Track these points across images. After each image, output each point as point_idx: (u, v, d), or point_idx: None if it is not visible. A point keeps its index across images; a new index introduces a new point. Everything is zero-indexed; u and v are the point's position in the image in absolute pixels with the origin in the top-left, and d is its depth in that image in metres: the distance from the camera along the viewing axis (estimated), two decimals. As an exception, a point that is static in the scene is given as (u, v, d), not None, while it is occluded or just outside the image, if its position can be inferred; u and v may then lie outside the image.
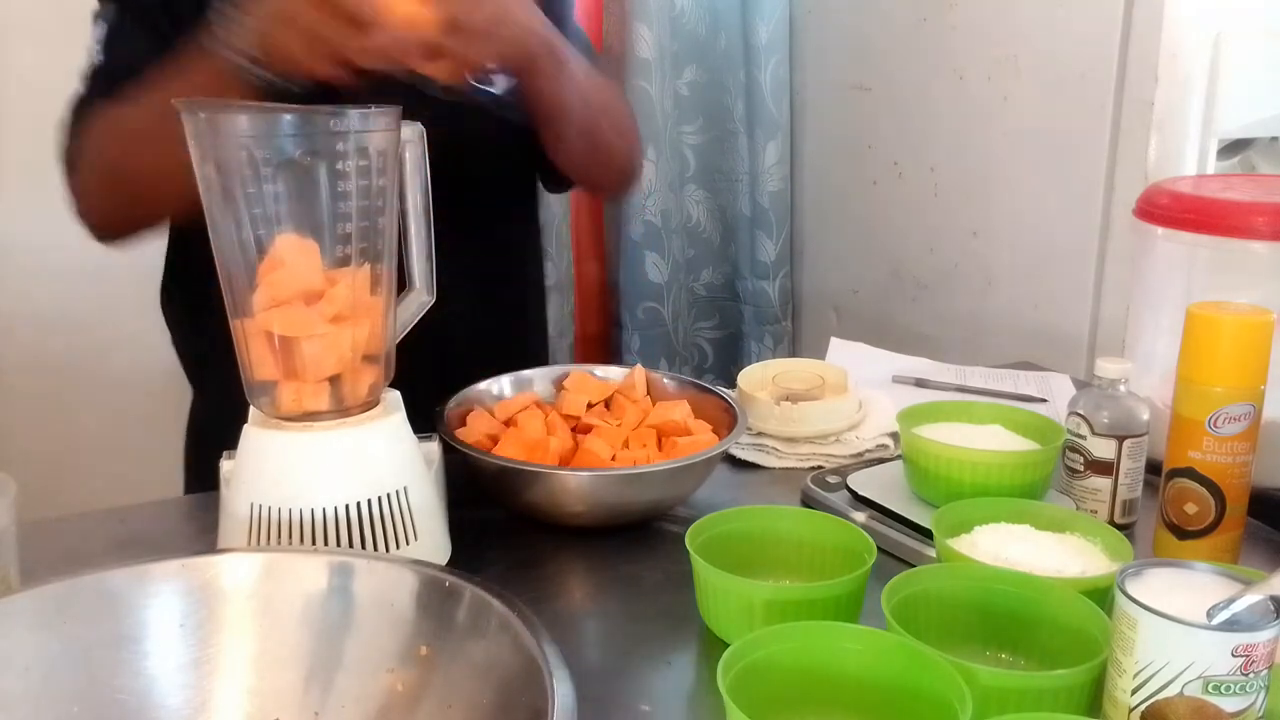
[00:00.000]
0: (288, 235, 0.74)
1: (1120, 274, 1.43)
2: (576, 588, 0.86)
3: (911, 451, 0.89)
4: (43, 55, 1.62)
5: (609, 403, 0.99)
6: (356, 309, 0.76)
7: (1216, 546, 0.81)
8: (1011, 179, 1.60)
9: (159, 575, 0.63)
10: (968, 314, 1.71)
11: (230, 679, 0.62)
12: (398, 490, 0.77)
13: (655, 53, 1.89)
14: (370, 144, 0.75)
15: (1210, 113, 1.37)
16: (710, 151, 2.05)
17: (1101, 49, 1.41)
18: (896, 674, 0.61)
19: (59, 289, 1.70)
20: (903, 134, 1.81)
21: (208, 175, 0.73)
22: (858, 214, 1.94)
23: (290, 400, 0.77)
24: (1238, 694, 0.57)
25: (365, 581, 0.64)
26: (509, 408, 0.97)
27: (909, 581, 0.69)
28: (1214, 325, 0.78)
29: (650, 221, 1.95)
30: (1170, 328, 0.84)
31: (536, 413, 0.95)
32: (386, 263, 0.79)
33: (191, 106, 0.72)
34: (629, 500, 0.88)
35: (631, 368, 1.01)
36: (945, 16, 1.67)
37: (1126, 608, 0.59)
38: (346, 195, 0.74)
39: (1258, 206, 0.91)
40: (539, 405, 0.98)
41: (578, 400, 0.97)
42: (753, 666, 0.61)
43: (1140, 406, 0.89)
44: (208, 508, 0.82)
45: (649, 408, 0.97)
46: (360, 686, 0.61)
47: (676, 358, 2.04)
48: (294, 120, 0.72)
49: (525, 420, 0.94)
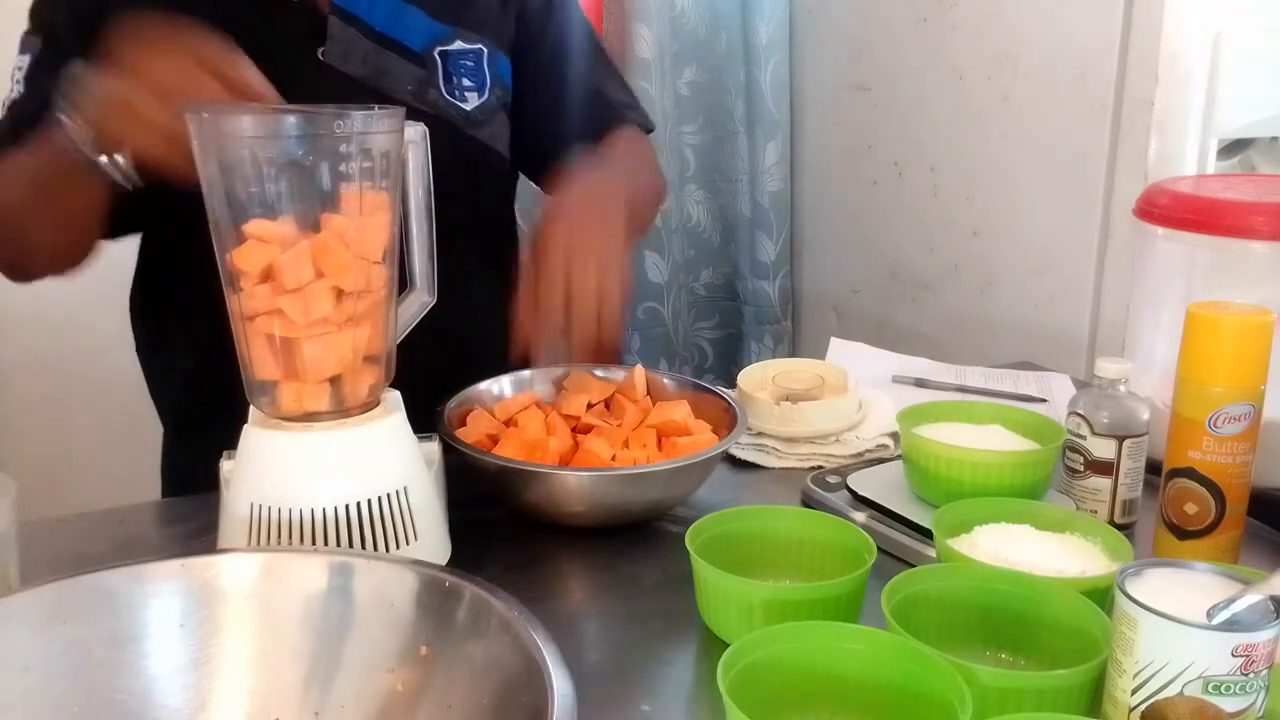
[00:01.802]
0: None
1: (1120, 274, 1.43)
2: (576, 588, 0.86)
3: (911, 451, 0.89)
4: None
5: (609, 403, 0.99)
6: (358, 310, 0.76)
7: (1216, 546, 0.81)
8: (1011, 179, 1.60)
9: (159, 575, 0.63)
10: (968, 314, 1.71)
11: (230, 679, 0.62)
12: (398, 490, 0.77)
13: (655, 53, 1.89)
14: (373, 145, 0.75)
15: (1210, 113, 1.37)
16: (710, 151, 2.05)
17: (1101, 49, 1.41)
18: (896, 674, 0.61)
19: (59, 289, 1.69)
20: (903, 134, 1.81)
21: (210, 175, 0.73)
22: (858, 214, 1.94)
23: (291, 400, 0.77)
24: (1238, 694, 0.57)
25: (365, 581, 0.64)
26: (509, 408, 0.97)
27: (909, 581, 0.69)
28: (1214, 325, 0.78)
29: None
30: (1170, 328, 0.84)
31: (536, 413, 0.95)
32: (388, 263, 0.79)
33: (194, 107, 0.72)
34: (629, 500, 0.88)
35: (631, 368, 1.01)
36: (945, 16, 1.67)
37: (1126, 608, 0.59)
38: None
39: (1258, 206, 0.91)
40: (539, 405, 0.98)
41: (578, 400, 0.97)
42: (753, 666, 0.61)
43: (1140, 406, 0.89)
44: (207, 508, 0.82)
45: (649, 407, 0.97)
46: (360, 686, 0.61)
47: (676, 358, 2.04)
48: (297, 121, 0.72)
49: (525, 420, 0.94)
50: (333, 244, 0.74)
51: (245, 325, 0.76)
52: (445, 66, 1.05)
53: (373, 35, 1.02)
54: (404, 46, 1.03)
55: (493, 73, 1.08)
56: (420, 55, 1.04)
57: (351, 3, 1.01)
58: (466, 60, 1.06)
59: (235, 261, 0.74)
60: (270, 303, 0.74)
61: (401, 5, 1.03)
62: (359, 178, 0.74)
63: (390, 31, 1.03)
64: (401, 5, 1.03)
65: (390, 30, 1.03)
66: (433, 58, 1.05)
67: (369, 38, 1.02)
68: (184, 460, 1.11)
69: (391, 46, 1.03)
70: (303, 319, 0.73)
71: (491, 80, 1.08)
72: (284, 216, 0.74)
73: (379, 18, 1.02)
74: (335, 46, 1.00)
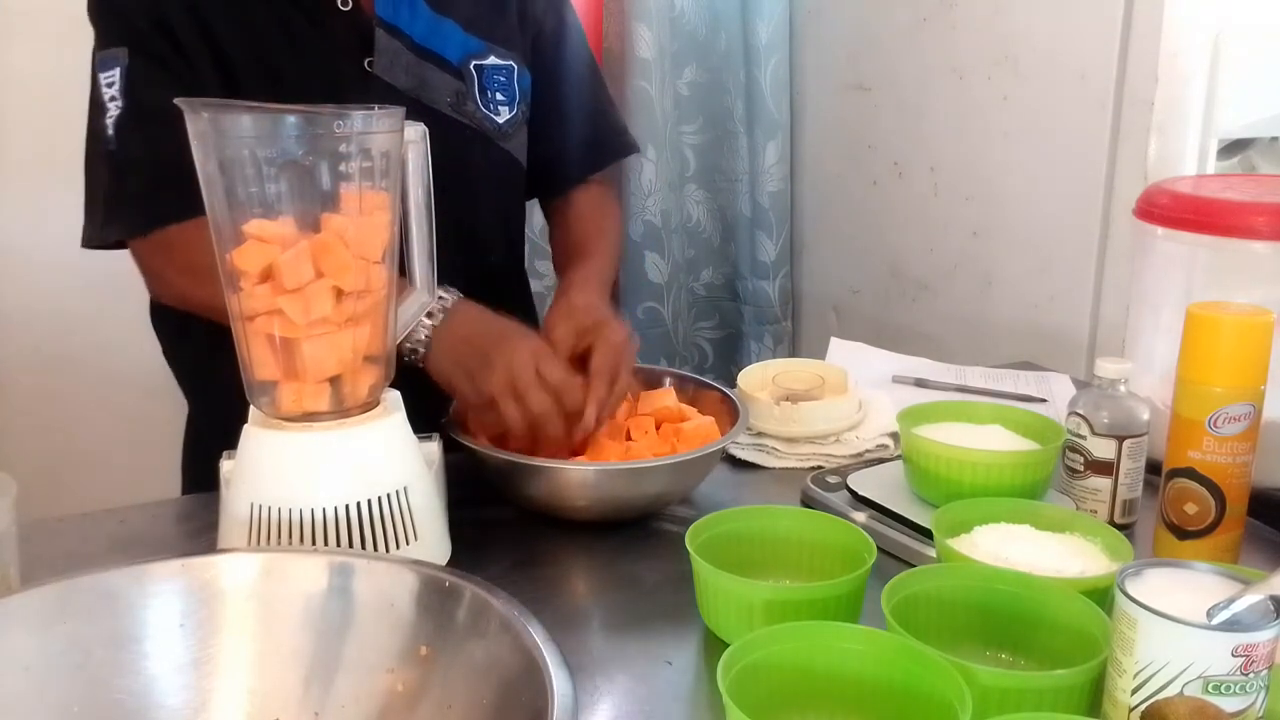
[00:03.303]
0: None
1: (1120, 274, 1.43)
2: (577, 588, 0.86)
3: (911, 451, 0.89)
4: (42, 55, 1.62)
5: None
6: (358, 310, 0.76)
7: (1216, 546, 0.81)
8: (1011, 179, 1.60)
9: (159, 575, 0.63)
10: (968, 314, 1.71)
11: (230, 679, 0.62)
12: (398, 490, 0.77)
13: (655, 53, 1.89)
14: (373, 145, 0.75)
15: (1210, 113, 1.37)
16: (710, 151, 2.04)
17: (1101, 49, 1.41)
18: (896, 674, 0.61)
19: (59, 289, 1.70)
20: (903, 134, 1.81)
21: (210, 174, 0.73)
22: (858, 214, 1.94)
23: (291, 400, 0.77)
24: (1238, 694, 0.57)
25: (365, 581, 0.64)
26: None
27: (909, 581, 0.69)
28: (1214, 325, 0.78)
29: (650, 221, 1.95)
30: (1170, 328, 0.84)
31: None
32: (388, 263, 0.79)
33: (194, 105, 0.72)
34: (634, 494, 0.88)
35: None
36: (945, 16, 1.67)
37: (1126, 608, 0.59)
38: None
39: (1258, 206, 0.91)
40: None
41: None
42: (753, 666, 0.61)
43: (1140, 406, 0.89)
44: (207, 508, 0.82)
45: (630, 398, 0.99)
46: (360, 686, 0.61)
47: (676, 358, 2.04)
48: (298, 121, 0.72)
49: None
50: (333, 244, 0.74)
51: (245, 325, 0.76)
52: (480, 80, 1.08)
53: (414, 47, 1.04)
54: (442, 59, 1.05)
55: (520, 88, 1.11)
56: (457, 68, 1.06)
57: (394, 15, 1.02)
58: (499, 75, 1.09)
59: (235, 261, 0.74)
60: (270, 303, 0.74)
61: (438, 18, 1.05)
62: (359, 178, 0.74)
63: (429, 44, 1.04)
64: (438, 18, 1.05)
65: (429, 43, 1.04)
66: (469, 71, 1.07)
67: (411, 50, 1.03)
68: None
69: (431, 59, 1.05)
70: (303, 319, 0.73)
71: (520, 95, 1.11)
72: (284, 216, 0.74)
73: (420, 30, 1.04)
74: (382, 58, 1.02)
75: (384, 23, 1.02)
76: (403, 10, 1.03)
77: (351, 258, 0.74)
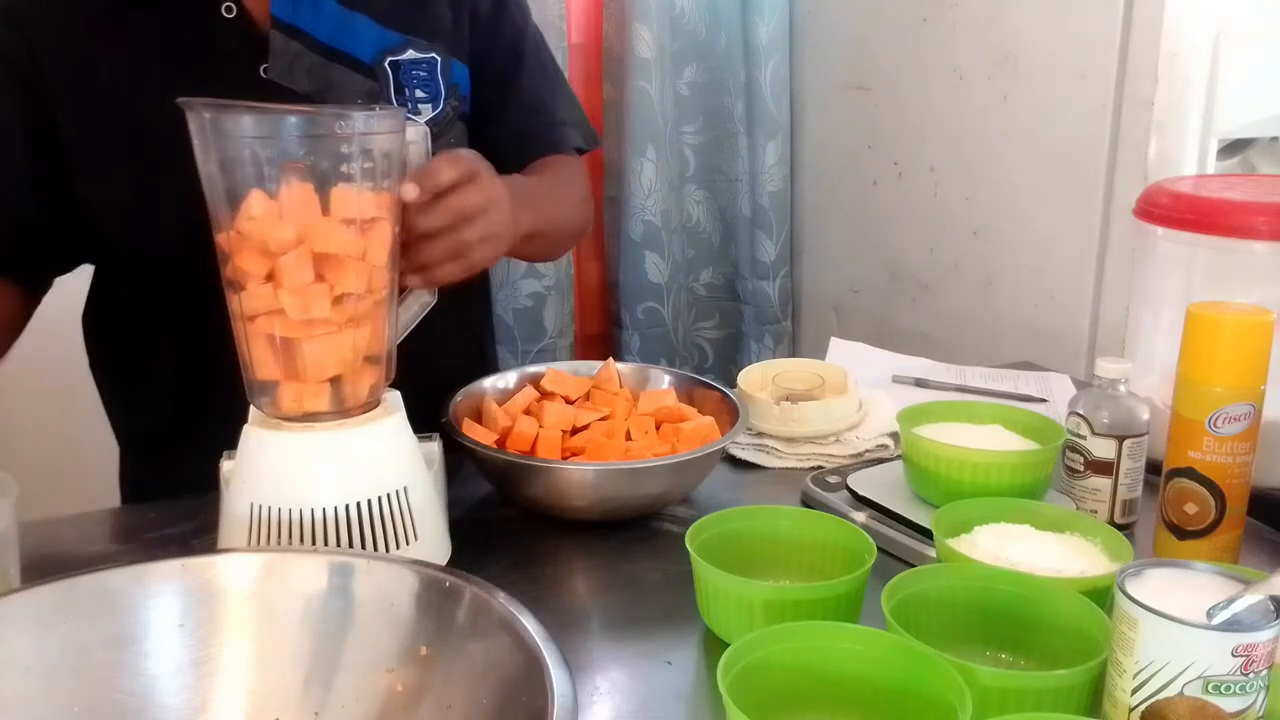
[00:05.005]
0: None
1: (1120, 274, 1.43)
2: (577, 588, 0.86)
3: (911, 451, 0.89)
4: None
5: (589, 397, 1.00)
6: (358, 310, 0.76)
7: (1216, 546, 0.81)
8: (1011, 179, 1.60)
9: (159, 575, 0.63)
10: (968, 314, 1.71)
11: (230, 679, 0.62)
12: (398, 490, 0.77)
13: (655, 53, 1.89)
14: (374, 145, 0.75)
15: (1210, 113, 1.37)
16: (710, 151, 2.05)
17: (1101, 49, 1.41)
18: (896, 674, 0.61)
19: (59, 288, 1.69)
20: (903, 134, 1.81)
21: (211, 174, 0.73)
22: (858, 214, 1.94)
23: (291, 401, 0.77)
24: (1238, 694, 0.57)
25: (365, 581, 0.64)
26: (516, 403, 0.97)
27: (909, 581, 0.69)
28: (1214, 325, 0.78)
29: (650, 221, 1.95)
30: (1170, 328, 0.84)
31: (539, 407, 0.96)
32: (389, 264, 0.79)
33: (194, 105, 0.72)
34: (633, 494, 0.88)
35: (603, 362, 1.03)
36: (945, 16, 1.67)
37: (1126, 608, 0.59)
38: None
39: (1258, 206, 0.91)
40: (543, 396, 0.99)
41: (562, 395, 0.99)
42: (753, 666, 0.61)
43: (1140, 406, 0.89)
44: (207, 508, 0.82)
45: (629, 397, 0.99)
46: (360, 686, 0.61)
47: (676, 358, 2.04)
48: (299, 122, 0.72)
49: (528, 416, 0.95)
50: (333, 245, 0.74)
51: (245, 325, 0.76)
52: (397, 77, 1.01)
53: (318, 48, 0.98)
54: (352, 58, 0.99)
55: (447, 83, 1.04)
56: (370, 66, 1.00)
57: (294, 15, 0.97)
58: (419, 70, 1.02)
59: (236, 262, 0.74)
60: (271, 302, 0.74)
61: (349, 14, 0.99)
62: (360, 178, 0.74)
63: (337, 43, 0.99)
64: (349, 14, 0.99)
65: (337, 41, 0.99)
66: (383, 68, 1.01)
67: (314, 50, 0.98)
68: (146, 476, 1.12)
69: (339, 58, 0.99)
70: (301, 315, 0.73)
71: (446, 90, 1.04)
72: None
73: (325, 29, 0.98)
74: (278, 62, 0.96)
75: (281, 24, 0.96)
76: (304, 9, 0.97)
77: (352, 259, 0.74)
